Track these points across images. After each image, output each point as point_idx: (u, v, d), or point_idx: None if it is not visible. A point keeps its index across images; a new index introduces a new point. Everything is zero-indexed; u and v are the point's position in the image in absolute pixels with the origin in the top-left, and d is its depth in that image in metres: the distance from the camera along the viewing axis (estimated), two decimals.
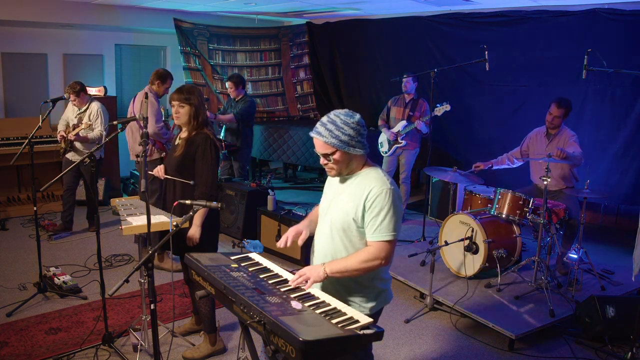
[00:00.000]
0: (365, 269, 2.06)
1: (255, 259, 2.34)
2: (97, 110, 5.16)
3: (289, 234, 2.28)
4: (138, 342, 3.19)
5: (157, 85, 4.89)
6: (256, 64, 7.83)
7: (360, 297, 2.16)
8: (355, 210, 2.08)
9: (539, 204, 3.98)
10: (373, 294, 2.18)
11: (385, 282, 2.23)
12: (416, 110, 5.58)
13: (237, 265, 2.20)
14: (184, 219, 2.30)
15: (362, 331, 1.75)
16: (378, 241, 2.05)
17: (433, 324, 3.77)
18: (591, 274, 4.22)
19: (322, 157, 2.12)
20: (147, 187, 2.37)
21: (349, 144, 2.05)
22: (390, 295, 2.28)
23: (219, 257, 2.29)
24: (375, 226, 2.05)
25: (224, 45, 7.56)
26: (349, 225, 2.11)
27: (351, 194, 2.12)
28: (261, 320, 1.71)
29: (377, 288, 2.18)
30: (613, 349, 3.38)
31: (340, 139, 2.03)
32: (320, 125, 2.08)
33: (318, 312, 1.86)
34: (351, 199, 2.11)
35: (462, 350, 3.44)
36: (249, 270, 2.19)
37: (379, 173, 2.11)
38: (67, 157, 5.21)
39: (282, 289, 2.03)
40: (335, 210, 2.17)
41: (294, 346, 1.58)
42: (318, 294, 2.04)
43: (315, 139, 2.09)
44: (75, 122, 5.16)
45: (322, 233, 2.25)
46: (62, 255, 4.85)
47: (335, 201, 2.20)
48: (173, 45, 7.41)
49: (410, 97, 5.64)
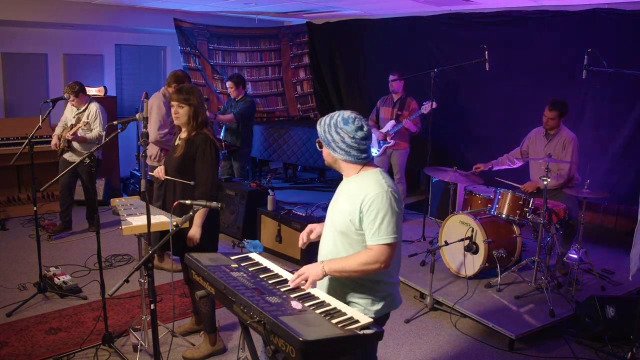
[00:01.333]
0: (364, 271, 2.05)
1: (255, 259, 2.34)
2: (96, 111, 5.14)
3: (303, 233, 2.37)
4: (138, 342, 3.19)
5: (173, 88, 4.45)
6: (256, 63, 7.82)
7: (365, 300, 2.14)
8: (352, 214, 2.08)
9: (539, 204, 3.98)
10: (378, 297, 2.15)
11: (392, 286, 2.20)
12: (404, 109, 5.57)
13: (237, 265, 2.20)
14: (184, 219, 2.31)
15: (362, 331, 1.75)
16: (377, 244, 2.04)
17: (433, 324, 3.77)
18: (591, 274, 4.22)
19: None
20: (147, 187, 2.37)
21: (331, 146, 2.11)
22: (399, 300, 2.25)
23: (219, 257, 2.29)
24: (373, 230, 2.04)
25: (224, 45, 7.55)
26: (348, 228, 2.11)
27: (349, 197, 2.12)
28: (261, 320, 1.71)
29: (383, 291, 2.15)
30: (613, 349, 3.38)
31: (325, 136, 2.12)
32: (326, 116, 2.16)
33: (318, 312, 1.86)
34: (349, 202, 2.11)
35: (462, 350, 3.44)
36: (249, 270, 2.19)
37: (378, 175, 2.10)
38: (65, 157, 5.20)
39: (282, 289, 2.03)
40: (335, 213, 2.18)
41: (294, 346, 1.58)
42: (318, 293, 2.04)
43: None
44: (73, 122, 5.15)
45: (325, 235, 2.27)
46: (62, 255, 4.85)
47: (335, 204, 2.22)
48: (173, 45, 7.41)
49: (398, 96, 5.64)
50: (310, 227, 2.39)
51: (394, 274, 2.21)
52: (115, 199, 3.44)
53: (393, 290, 2.21)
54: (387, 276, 2.16)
